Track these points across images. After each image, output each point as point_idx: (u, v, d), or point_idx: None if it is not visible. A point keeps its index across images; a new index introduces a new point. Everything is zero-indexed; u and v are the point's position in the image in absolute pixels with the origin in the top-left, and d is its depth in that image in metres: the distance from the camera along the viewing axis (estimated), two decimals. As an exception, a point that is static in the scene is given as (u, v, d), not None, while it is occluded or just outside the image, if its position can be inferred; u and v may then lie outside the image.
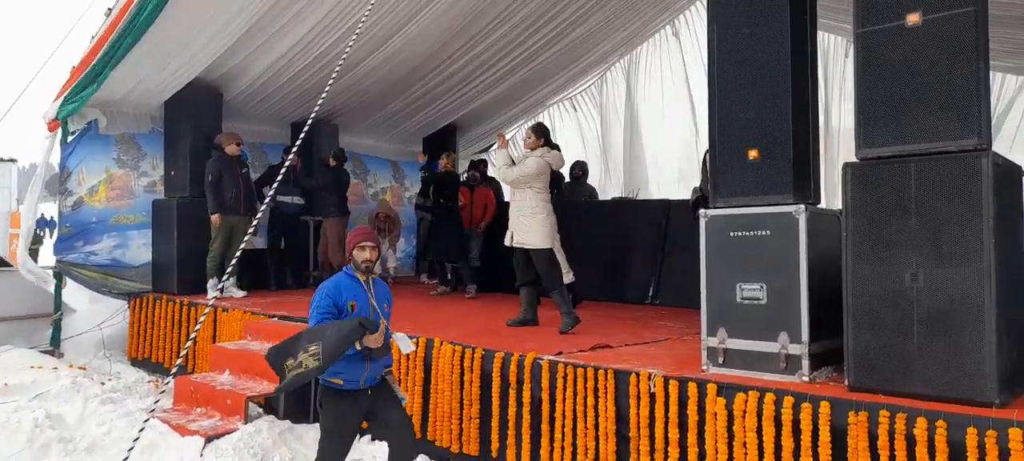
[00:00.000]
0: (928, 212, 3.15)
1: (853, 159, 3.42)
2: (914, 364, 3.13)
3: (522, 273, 5.57)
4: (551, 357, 4.15)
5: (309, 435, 4.73)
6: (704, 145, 8.82)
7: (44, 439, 4.59)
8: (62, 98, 7.02)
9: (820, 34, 4.69)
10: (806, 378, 3.46)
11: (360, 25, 5.26)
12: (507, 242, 5.57)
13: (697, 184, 6.37)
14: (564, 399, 3.99)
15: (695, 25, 9.77)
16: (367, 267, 3.74)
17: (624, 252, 7.67)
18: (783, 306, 3.55)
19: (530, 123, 5.85)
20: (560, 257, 5.93)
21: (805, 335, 3.48)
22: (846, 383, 3.31)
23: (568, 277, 6.20)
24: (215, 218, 7.20)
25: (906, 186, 3.20)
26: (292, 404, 4.96)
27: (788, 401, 3.24)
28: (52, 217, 14.53)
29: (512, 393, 4.23)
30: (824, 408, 3.14)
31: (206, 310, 5.05)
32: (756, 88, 3.74)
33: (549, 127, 11.77)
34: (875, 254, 3.25)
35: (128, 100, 7.41)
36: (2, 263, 8.06)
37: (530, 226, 5.42)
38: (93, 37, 6.73)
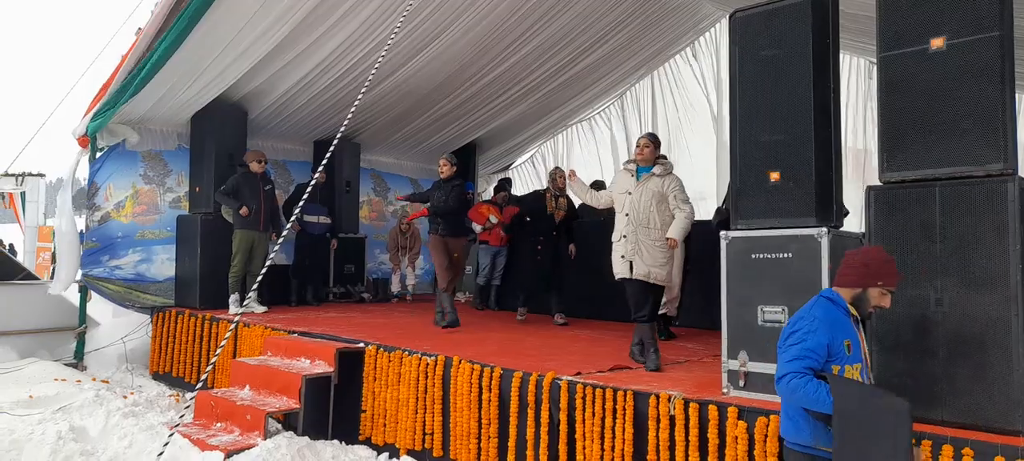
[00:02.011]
0: (953, 237, 3.12)
1: (875, 181, 3.40)
2: (939, 390, 3.09)
3: (649, 307, 4.81)
4: (570, 377, 4.14)
5: (327, 452, 4.74)
6: (724, 165, 8.77)
7: (67, 451, 4.64)
8: (91, 114, 7.16)
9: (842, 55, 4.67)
10: (828, 403, 3.41)
11: (389, 43, 5.32)
12: (623, 273, 4.78)
13: (719, 204, 6.33)
14: (583, 420, 3.97)
15: (715, 45, 9.78)
16: (875, 313, 2.86)
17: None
18: (805, 329, 3.52)
19: (644, 134, 5.06)
20: None
21: (827, 359, 3.44)
22: (869, 409, 3.27)
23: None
24: (244, 210, 7.28)
25: (930, 210, 3.18)
26: (311, 421, 4.97)
27: (810, 426, 3.20)
28: (79, 231, 14.83)
29: (530, 413, 4.22)
30: (847, 434, 3.09)
31: (231, 327, 5.09)
32: (778, 110, 3.74)
33: (569, 146, 11.95)
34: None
35: (155, 116, 7.55)
36: (29, 276, 8.21)
37: (665, 259, 4.77)
38: (123, 55, 6.88)
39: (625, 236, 4.79)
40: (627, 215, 4.80)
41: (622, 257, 4.78)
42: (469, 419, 4.50)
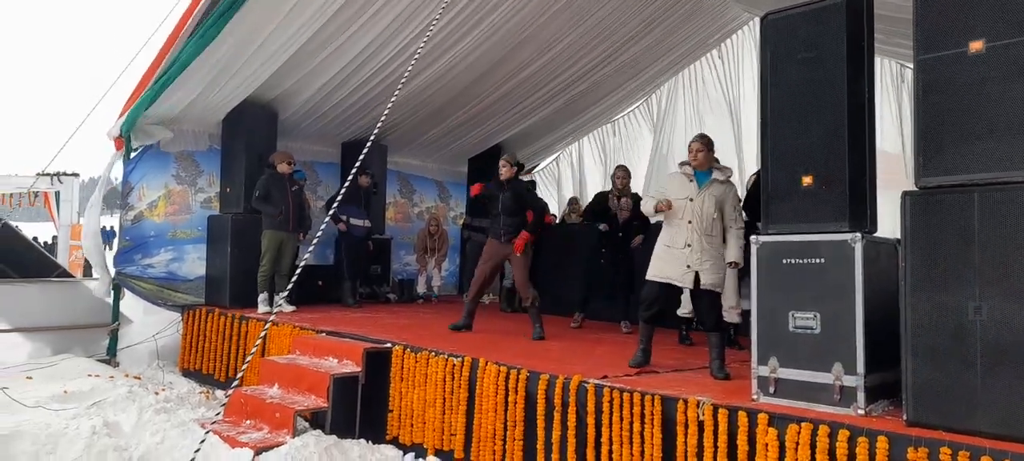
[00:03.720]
0: (992, 243, 3.05)
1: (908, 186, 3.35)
2: (977, 400, 3.02)
3: (659, 311, 4.76)
4: (596, 381, 4.12)
5: (354, 451, 4.77)
6: (747, 169, 8.67)
7: (100, 446, 4.73)
8: (125, 115, 7.29)
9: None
10: (862, 411, 3.36)
11: (427, 35, 5.35)
12: (686, 283, 4.59)
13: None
14: (609, 424, 3.95)
15: (747, 48, 9.70)
16: None
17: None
18: (837, 336, 3.48)
19: (695, 135, 4.89)
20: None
21: (861, 366, 3.40)
22: (904, 417, 3.21)
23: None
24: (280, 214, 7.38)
25: (969, 216, 3.11)
26: (339, 420, 5.02)
27: (843, 434, 3.15)
28: (111, 228, 15.13)
29: (557, 416, 4.21)
30: (881, 443, 3.05)
31: (265, 327, 5.13)
32: (811, 114, 3.70)
33: (594, 148, 11.92)
34: (936, 285, 3.17)
35: (188, 117, 7.66)
36: (64, 273, 8.38)
37: (720, 266, 4.57)
38: (157, 56, 7.00)
39: (689, 245, 4.57)
40: (690, 222, 4.58)
41: (687, 267, 4.56)
42: (495, 421, 4.51)
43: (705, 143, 4.73)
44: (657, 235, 4.92)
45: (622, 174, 7.06)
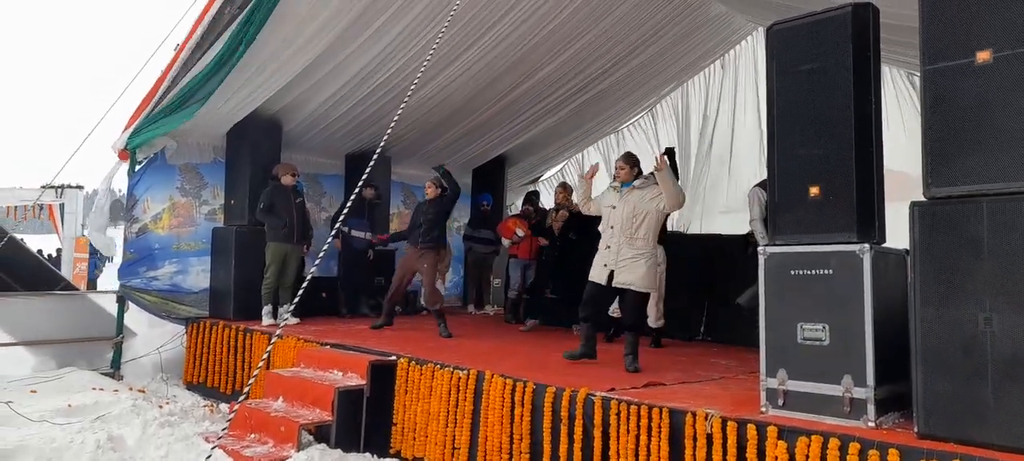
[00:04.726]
0: (1002, 254, 3.03)
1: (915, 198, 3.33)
2: (989, 412, 3.00)
3: (593, 309, 5.24)
4: (603, 393, 4.10)
5: (359, 465, 4.75)
6: (753, 179, 8.67)
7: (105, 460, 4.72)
8: (132, 129, 7.30)
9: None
10: (872, 423, 3.33)
11: (426, 61, 5.36)
12: (599, 279, 5.18)
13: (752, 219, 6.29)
14: (617, 437, 3.93)
15: (746, 59, 9.70)
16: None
17: (673, 287, 7.55)
18: (847, 348, 3.45)
19: (620, 154, 5.67)
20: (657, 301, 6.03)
21: (870, 378, 3.37)
22: (915, 430, 3.19)
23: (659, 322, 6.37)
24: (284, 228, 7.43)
25: (978, 226, 3.10)
26: (344, 433, 4.99)
27: (854, 447, 3.13)
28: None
29: (563, 429, 4.18)
30: (892, 456, 3.02)
31: (272, 341, 5.11)
32: (818, 124, 3.69)
33: (597, 157, 11.90)
34: (945, 297, 3.15)
35: (192, 130, 7.66)
36: (68, 286, 8.38)
37: (638, 266, 5.08)
38: (162, 71, 7.02)
39: (609, 247, 5.19)
40: (612, 227, 5.20)
41: (604, 265, 5.16)
42: (500, 434, 4.48)
43: (626, 161, 5.41)
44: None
45: (561, 190, 7.97)
